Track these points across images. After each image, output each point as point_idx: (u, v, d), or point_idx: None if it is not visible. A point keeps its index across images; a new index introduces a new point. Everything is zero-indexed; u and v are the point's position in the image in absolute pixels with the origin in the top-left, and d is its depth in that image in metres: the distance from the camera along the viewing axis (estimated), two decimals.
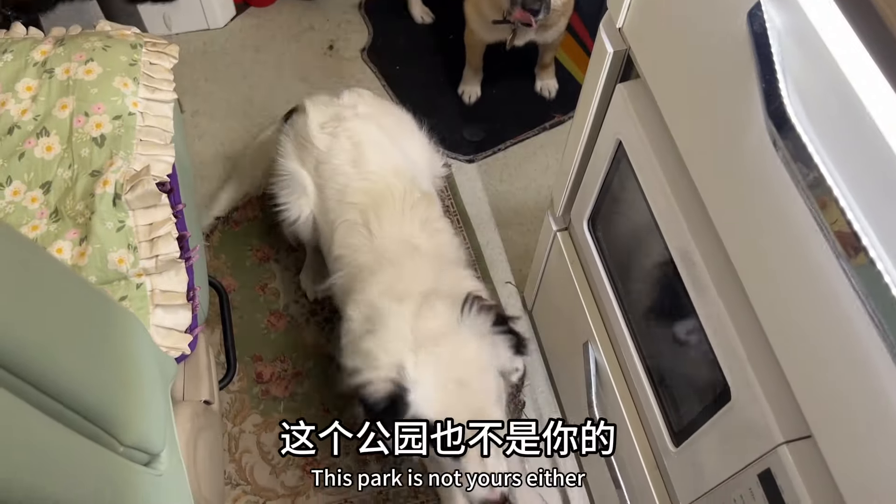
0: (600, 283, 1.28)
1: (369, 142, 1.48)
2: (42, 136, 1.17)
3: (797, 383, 0.76)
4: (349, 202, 1.44)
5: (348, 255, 1.40)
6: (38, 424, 0.53)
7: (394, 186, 1.43)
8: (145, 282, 1.08)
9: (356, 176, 1.45)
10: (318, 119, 1.53)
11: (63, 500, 0.54)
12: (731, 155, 0.79)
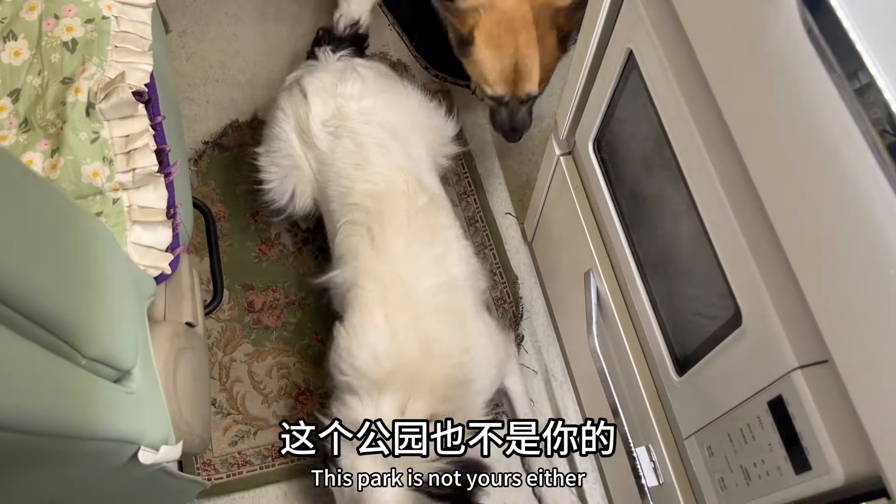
0: (604, 208, 1.22)
1: (373, 143, 1.43)
2: (9, 39, 1.09)
3: (817, 302, 0.70)
4: (352, 203, 1.39)
5: (349, 260, 1.36)
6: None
7: (397, 188, 1.38)
8: (122, 197, 1.02)
9: (359, 178, 1.40)
10: (319, 115, 1.47)
11: (14, 411, 0.49)
12: (755, 51, 0.72)
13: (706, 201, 0.88)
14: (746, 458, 0.88)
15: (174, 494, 1.04)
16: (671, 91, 0.91)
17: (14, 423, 0.49)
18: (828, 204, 0.66)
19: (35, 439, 0.54)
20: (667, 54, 0.91)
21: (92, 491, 0.81)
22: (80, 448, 0.62)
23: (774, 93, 0.70)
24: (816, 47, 0.60)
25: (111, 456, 0.70)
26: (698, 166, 0.88)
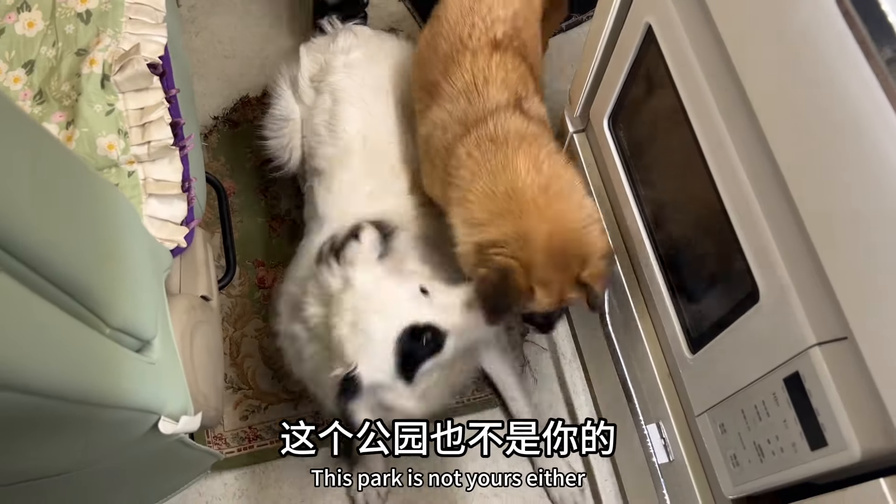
0: (618, 186, 1.21)
1: (348, 100, 1.41)
2: (23, 10, 1.08)
3: (839, 279, 0.70)
4: (314, 166, 1.40)
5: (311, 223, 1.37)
6: (14, 295, 0.48)
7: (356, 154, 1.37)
8: (137, 170, 1.02)
9: (327, 139, 1.40)
10: (308, 70, 1.49)
11: (43, 376, 0.49)
12: (781, 24, 0.71)
13: (725, 178, 0.87)
14: (760, 435, 0.89)
15: (189, 466, 1.05)
16: (691, 66, 0.90)
17: (43, 387, 0.49)
18: (854, 180, 0.65)
19: (61, 404, 0.54)
20: (687, 29, 0.90)
21: (109, 460, 0.82)
22: (103, 416, 0.63)
23: (800, 66, 0.69)
24: (847, 19, 0.59)
25: (132, 425, 0.70)
26: (717, 142, 0.87)
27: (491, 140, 1.11)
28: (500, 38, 1.19)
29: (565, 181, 1.08)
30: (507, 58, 1.18)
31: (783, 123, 0.74)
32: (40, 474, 0.77)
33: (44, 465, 0.75)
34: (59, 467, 0.77)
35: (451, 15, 1.23)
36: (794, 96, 0.71)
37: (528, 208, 1.04)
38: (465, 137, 1.13)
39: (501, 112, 1.13)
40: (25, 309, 0.49)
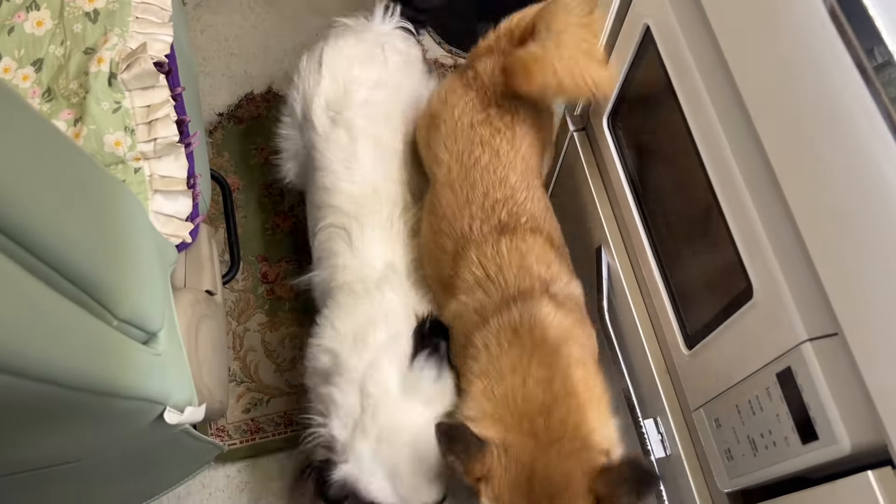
0: (617, 184, 1.22)
1: (366, 137, 1.33)
2: (32, 9, 1.10)
3: (829, 276, 0.72)
4: (333, 205, 1.31)
5: (327, 260, 1.29)
6: (17, 280, 0.50)
7: (382, 191, 1.30)
8: (143, 166, 1.04)
9: (345, 177, 1.31)
10: (325, 93, 1.38)
11: (46, 361, 0.51)
12: (773, 27, 0.73)
13: (720, 176, 0.89)
14: (754, 429, 0.90)
15: (193, 457, 1.07)
16: (688, 67, 0.91)
17: (46, 373, 0.51)
18: (842, 178, 0.67)
19: (70, 393, 0.56)
20: (684, 30, 0.92)
21: (116, 450, 0.84)
22: (111, 405, 0.65)
23: (792, 69, 0.71)
24: (836, 24, 0.61)
25: (139, 415, 0.72)
26: (713, 141, 0.89)
27: (512, 329, 1.01)
28: (504, 220, 1.10)
29: (580, 402, 0.97)
30: (518, 239, 1.08)
31: (775, 123, 0.76)
32: (48, 463, 0.79)
33: (52, 454, 0.77)
34: (66, 456, 0.79)
35: (447, 210, 1.14)
36: (785, 96, 0.73)
37: (522, 426, 0.94)
38: (484, 326, 1.05)
39: (526, 299, 1.04)
40: (29, 295, 0.51)
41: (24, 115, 0.57)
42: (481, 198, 1.10)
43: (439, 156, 1.17)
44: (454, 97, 1.21)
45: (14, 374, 0.48)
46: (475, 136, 1.14)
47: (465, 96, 1.20)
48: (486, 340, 1.02)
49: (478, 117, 1.16)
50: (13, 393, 0.50)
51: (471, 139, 1.14)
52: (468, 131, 1.15)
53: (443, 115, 1.20)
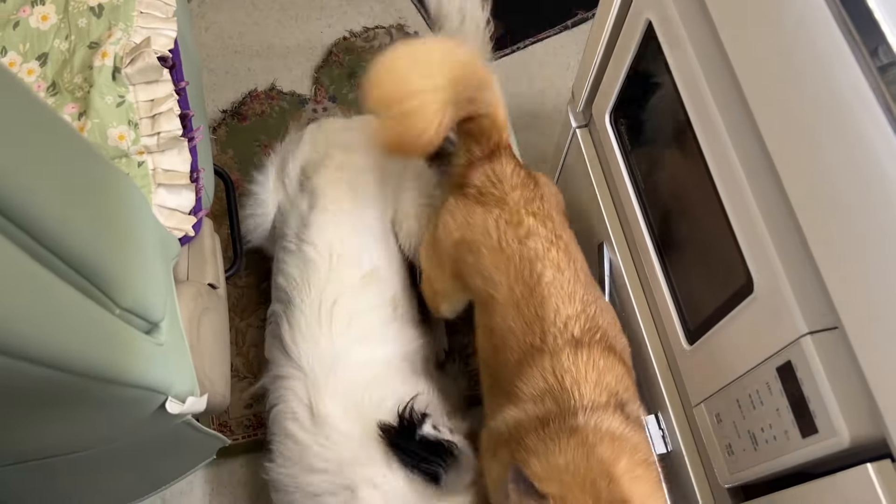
0: (619, 180, 1.23)
1: (322, 208, 1.31)
2: (37, 4, 1.11)
3: (829, 270, 0.72)
4: (278, 282, 1.30)
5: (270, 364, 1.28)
6: (27, 268, 0.50)
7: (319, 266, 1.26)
8: (147, 160, 1.04)
9: (294, 244, 1.30)
10: (304, 155, 1.39)
11: (55, 349, 0.51)
12: (774, 21, 0.73)
13: (721, 170, 0.89)
14: (754, 424, 0.90)
15: (196, 450, 1.07)
16: (689, 62, 0.92)
17: (57, 359, 0.51)
18: (842, 172, 0.67)
19: (72, 379, 0.56)
20: (685, 25, 0.92)
21: (119, 440, 0.85)
22: (113, 393, 0.65)
23: (793, 62, 0.71)
24: (837, 17, 0.61)
25: (141, 404, 0.73)
26: (714, 135, 0.89)
27: (571, 433, 0.99)
28: (578, 335, 1.07)
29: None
30: (595, 355, 1.06)
31: (776, 116, 0.76)
32: (52, 453, 0.79)
33: (55, 443, 0.77)
34: (70, 446, 0.80)
35: (515, 326, 1.10)
36: (786, 90, 0.73)
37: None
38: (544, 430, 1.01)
39: (597, 412, 1.01)
40: (33, 280, 0.52)
41: (29, 104, 0.58)
42: (552, 314, 1.08)
43: (494, 279, 1.14)
44: (478, 218, 1.18)
45: (18, 357, 0.48)
46: (528, 253, 1.12)
47: (489, 214, 1.17)
48: (545, 443, 0.99)
49: (520, 232, 1.14)
50: (17, 377, 0.50)
51: (526, 257, 1.12)
52: (518, 248, 1.13)
53: (479, 241, 1.17)
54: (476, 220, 1.18)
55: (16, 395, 0.56)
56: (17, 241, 0.51)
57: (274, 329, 1.29)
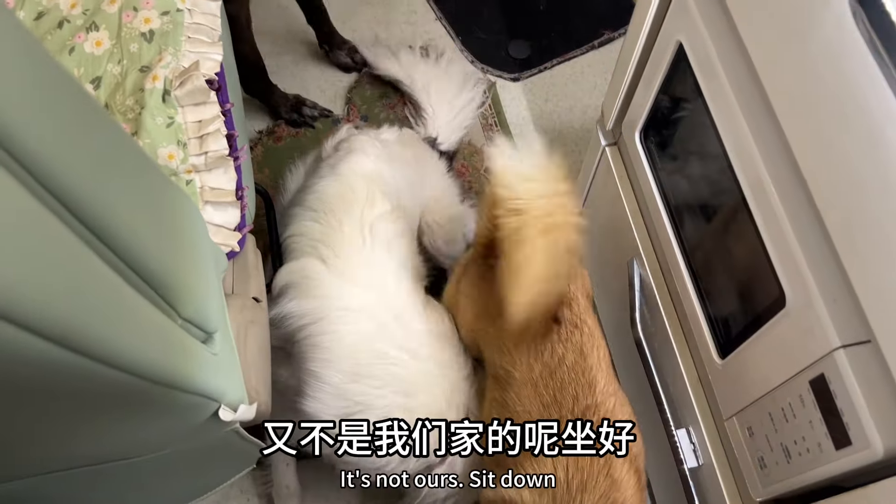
0: (650, 197, 1.25)
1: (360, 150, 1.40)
2: (91, 30, 1.16)
3: (862, 284, 0.74)
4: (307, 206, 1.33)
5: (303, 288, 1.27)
6: (106, 278, 0.54)
7: (357, 188, 1.32)
8: (195, 178, 1.09)
9: (328, 174, 1.35)
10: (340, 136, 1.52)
11: (129, 353, 0.55)
12: (804, 42, 0.75)
13: (751, 186, 0.91)
14: (787, 437, 0.92)
15: (238, 459, 1.11)
16: (720, 82, 0.94)
17: (132, 365, 0.55)
18: (873, 186, 0.69)
19: (138, 382, 0.60)
20: (716, 46, 0.95)
21: (171, 447, 0.88)
22: (173, 399, 0.69)
23: (823, 83, 0.73)
24: (867, 39, 0.63)
25: (196, 410, 0.76)
26: (745, 154, 0.91)
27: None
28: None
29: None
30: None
31: (806, 132, 0.78)
32: (105, 459, 0.83)
33: (110, 450, 0.81)
34: (123, 452, 0.83)
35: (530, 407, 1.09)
36: (817, 108, 0.76)
37: None
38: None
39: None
40: (113, 291, 0.55)
41: (103, 122, 0.62)
42: (571, 401, 1.06)
43: (514, 355, 1.13)
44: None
45: (95, 360, 0.52)
46: (552, 334, 1.10)
47: None
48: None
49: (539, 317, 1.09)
50: (93, 379, 0.54)
51: (548, 338, 1.10)
52: (542, 327, 1.11)
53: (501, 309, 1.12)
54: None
55: (85, 399, 0.60)
56: (96, 250, 0.54)
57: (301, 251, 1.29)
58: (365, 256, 1.26)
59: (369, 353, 1.22)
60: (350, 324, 1.22)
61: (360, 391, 1.20)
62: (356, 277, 1.25)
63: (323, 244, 1.26)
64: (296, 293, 1.25)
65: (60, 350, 0.47)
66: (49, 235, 0.46)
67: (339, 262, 1.24)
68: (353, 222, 1.27)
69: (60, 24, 1.18)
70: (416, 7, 2.09)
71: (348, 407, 1.21)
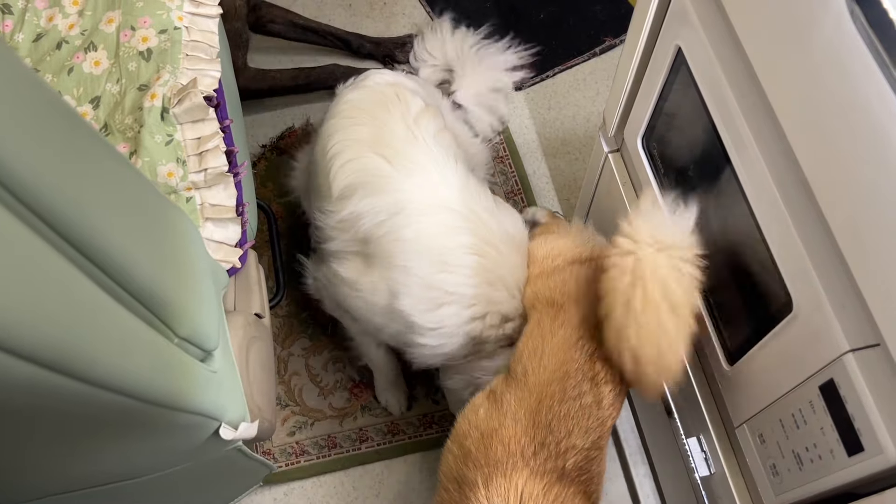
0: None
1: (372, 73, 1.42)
2: (90, 50, 1.17)
3: (869, 288, 0.72)
4: (344, 116, 1.29)
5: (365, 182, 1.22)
6: (97, 300, 0.54)
7: (388, 94, 1.31)
8: (195, 195, 1.09)
9: (353, 90, 1.34)
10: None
11: (122, 375, 0.54)
12: (803, 45, 0.74)
13: (756, 193, 0.90)
14: (798, 443, 0.90)
15: (243, 476, 1.10)
16: (720, 86, 0.93)
17: (122, 386, 0.54)
18: (878, 191, 0.68)
19: (135, 404, 0.59)
20: (715, 50, 0.94)
21: (173, 467, 0.87)
22: (171, 419, 0.68)
23: (823, 83, 0.72)
24: (866, 40, 0.62)
25: (196, 430, 0.75)
26: (748, 158, 0.90)
27: None
28: (569, 469, 1.01)
29: None
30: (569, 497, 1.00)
31: (810, 139, 0.77)
32: (110, 480, 0.82)
33: (108, 470, 0.80)
34: (121, 473, 0.83)
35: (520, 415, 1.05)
36: (818, 110, 0.74)
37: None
38: None
39: None
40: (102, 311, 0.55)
41: (96, 144, 0.62)
42: (563, 433, 1.03)
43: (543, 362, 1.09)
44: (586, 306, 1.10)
45: (88, 383, 0.51)
46: (590, 371, 1.06)
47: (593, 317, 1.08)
48: None
49: (588, 347, 1.08)
50: (86, 403, 0.53)
51: (584, 370, 1.06)
52: (584, 359, 1.07)
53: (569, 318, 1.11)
54: (582, 307, 1.11)
55: (80, 422, 0.59)
56: (88, 273, 0.54)
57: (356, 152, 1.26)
58: (423, 151, 1.23)
59: (456, 245, 1.19)
60: (432, 216, 1.20)
61: (452, 281, 1.18)
62: (424, 171, 1.22)
63: (378, 144, 1.23)
64: (366, 191, 1.21)
65: (50, 374, 0.47)
66: (35, 259, 0.46)
67: (401, 158, 1.21)
68: (397, 121, 1.25)
69: (59, 45, 1.18)
70: (416, 19, 2.09)
71: (439, 298, 1.18)
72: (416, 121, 1.27)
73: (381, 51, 1.99)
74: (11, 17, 1.22)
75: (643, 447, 1.54)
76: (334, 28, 1.97)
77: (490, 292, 1.20)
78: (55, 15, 1.20)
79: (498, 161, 1.89)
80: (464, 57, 1.81)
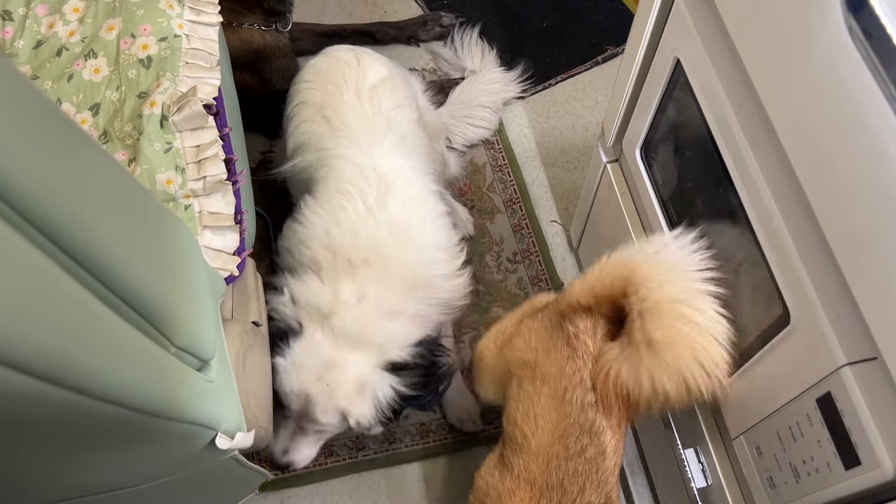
0: (651, 214, 1.24)
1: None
2: (90, 57, 1.17)
3: (865, 298, 0.72)
4: (304, 80, 1.43)
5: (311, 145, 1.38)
6: (94, 310, 0.53)
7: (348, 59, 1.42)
8: (193, 203, 1.09)
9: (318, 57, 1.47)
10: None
11: (118, 386, 0.54)
12: (801, 57, 0.75)
13: (754, 205, 0.90)
14: (795, 456, 0.90)
15: (239, 485, 1.10)
16: (718, 98, 0.94)
17: (121, 397, 0.54)
18: (875, 205, 0.68)
19: (131, 414, 0.59)
20: (713, 62, 0.94)
21: (169, 476, 0.87)
22: (167, 429, 0.68)
23: (821, 97, 0.73)
24: (864, 55, 0.62)
25: (192, 439, 0.75)
26: (745, 170, 0.90)
27: None
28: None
29: None
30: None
31: (806, 148, 0.77)
32: (105, 488, 0.82)
33: (110, 479, 0.80)
34: (117, 482, 0.82)
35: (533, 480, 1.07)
36: (816, 125, 0.75)
37: None
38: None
39: None
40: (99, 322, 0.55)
41: (94, 152, 0.62)
42: (577, 492, 1.04)
43: (539, 422, 1.08)
44: (559, 356, 1.10)
45: (84, 394, 0.51)
46: (586, 422, 1.05)
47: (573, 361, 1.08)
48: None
49: (588, 399, 1.06)
50: (81, 413, 0.53)
51: (580, 423, 1.05)
52: (577, 411, 1.06)
53: (546, 372, 1.10)
54: (555, 358, 1.10)
55: (75, 432, 0.59)
56: (84, 282, 0.54)
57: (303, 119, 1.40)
58: (363, 121, 1.34)
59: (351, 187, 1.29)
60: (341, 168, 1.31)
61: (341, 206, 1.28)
62: (356, 139, 1.32)
63: (325, 106, 1.37)
64: (305, 150, 1.39)
65: (45, 385, 0.46)
66: (30, 268, 0.46)
67: (341, 123, 1.34)
68: (350, 90, 1.37)
69: (59, 52, 1.18)
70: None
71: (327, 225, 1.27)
72: (372, 90, 1.37)
73: (405, 33, 2.03)
74: (12, 23, 1.22)
75: (641, 458, 1.54)
76: (355, 24, 2.01)
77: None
78: (56, 22, 1.20)
79: (497, 169, 1.89)
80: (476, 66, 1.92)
